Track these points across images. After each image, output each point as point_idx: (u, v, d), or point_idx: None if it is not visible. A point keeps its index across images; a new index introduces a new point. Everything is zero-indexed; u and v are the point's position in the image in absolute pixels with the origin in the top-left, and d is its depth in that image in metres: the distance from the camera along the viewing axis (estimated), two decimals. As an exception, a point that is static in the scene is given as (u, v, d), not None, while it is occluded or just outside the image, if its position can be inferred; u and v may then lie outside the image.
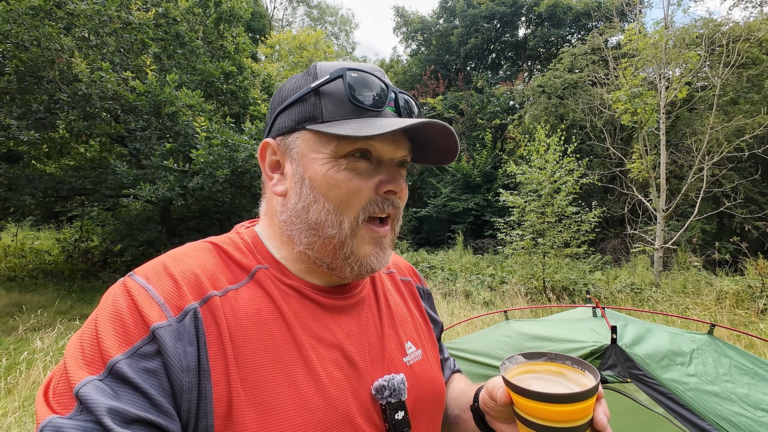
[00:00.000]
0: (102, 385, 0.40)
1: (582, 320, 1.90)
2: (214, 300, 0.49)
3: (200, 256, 0.55)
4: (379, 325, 0.63)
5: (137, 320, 0.44)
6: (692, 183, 7.85)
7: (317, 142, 0.54)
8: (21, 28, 5.58)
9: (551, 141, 8.18)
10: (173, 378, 0.43)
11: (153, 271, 0.50)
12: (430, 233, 14.62)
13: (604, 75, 10.08)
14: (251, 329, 0.50)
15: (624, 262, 10.22)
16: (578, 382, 0.51)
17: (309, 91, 0.54)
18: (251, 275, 0.55)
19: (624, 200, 11.10)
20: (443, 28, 19.32)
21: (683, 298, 6.62)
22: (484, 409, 0.59)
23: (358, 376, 0.55)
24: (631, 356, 1.49)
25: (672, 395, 1.41)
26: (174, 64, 7.72)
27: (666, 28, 8.05)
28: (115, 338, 0.43)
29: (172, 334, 0.44)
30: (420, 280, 0.81)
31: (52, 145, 7.39)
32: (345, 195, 0.54)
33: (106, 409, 0.38)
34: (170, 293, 0.48)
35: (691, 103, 9.76)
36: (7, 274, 8.49)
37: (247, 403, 0.46)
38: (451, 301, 6.97)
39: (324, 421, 0.49)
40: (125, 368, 0.41)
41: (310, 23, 27.76)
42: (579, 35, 16.96)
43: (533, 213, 8.11)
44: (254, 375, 0.47)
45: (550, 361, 0.55)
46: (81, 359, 0.42)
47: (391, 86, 0.56)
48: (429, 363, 0.67)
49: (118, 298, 0.46)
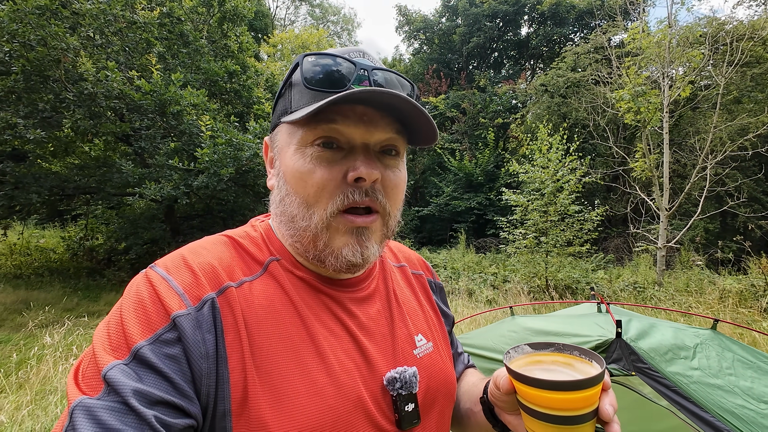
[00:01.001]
0: (127, 369, 0.42)
1: (587, 316, 1.93)
2: (230, 291, 0.51)
3: (217, 249, 0.56)
4: (389, 317, 0.64)
5: (158, 308, 0.46)
6: (695, 182, 7.85)
7: (289, 134, 0.56)
8: (27, 27, 5.64)
9: (554, 140, 8.19)
10: (193, 364, 0.45)
11: (173, 263, 0.52)
12: (432, 232, 14.63)
13: (607, 74, 10.08)
14: (265, 319, 0.51)
15: (627, 261, 10.23)
16: (585, 372, 0.50)
17: (284, 84, 0.56)
18: (265, 267, 0.57)
19: (627, 199, 11.09)
20: (446, 27, 19.31)
21: (686, 297, 6.63)
22: (493, 400, 0.59)
23: (369, 367, 0.56)
24: (636, 350, 1.51)
25: (676, 388, 1.43)
26: (178, 63, 7.76)
27: (670, 26, 8.04)
28: (138, 325, 0.45)
29: (191, 322, 0.46)
30: (432, 273, 0.81)
31: (57, 144, 7.45)
32: (310, 187, 0.53)
33: (132, 390, 0.40)
34: (189, 284, 0.49)
35: (694, 102, 9.75)
36: (14, 271, 8.56)
37: (261, 389, 0.47)
38: (454, 299, 7.00)
39: (335, 408, 0.50)
40: (148, 353, 0.43)
41: (312, 22, 27.79)
42: (582, 34, 16.93)
43: (536, 212, 8.12)
44: (268, 363, 0.49)
45: (557, 352, 0.54)
46: (108, 344, 0.44)
47: (360, 63, 0.53)
48: (440, 355, 0.67)
49: (141, 287, 0.49)
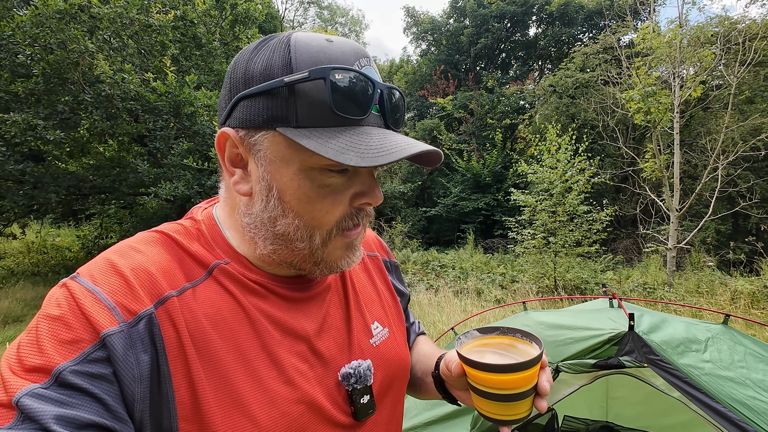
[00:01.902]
0: (47, 393, 0.37)
1: (599, 311, 1.97)
2: (171, 301, 0.46)
3: (152, 250, 0.50)
4: (345, 309, 0.63)
5: (84, 325, 0.41)
6: (707, 183, 7.79)
7: (288, 148, 0.48)
8: (47, 31, 5.81)
9: (562, 140, 8.19)
10: (124, 387, 0.41)
11: (99, 271, 0.45)
12: (440, 233, 14.64)
13: (616, 74, 10.04)
14: (212, 329, 0.48)
15: (636, 262, 10.16)
16: (526, 352, 0.56)
17: (282, 85, 0.45)
18: (209, 272, 0.52)
19: (636, 200, 11.02)
20: (453, 28, 19.33)
21: (697, 298, 6.58)
22: (444, 377, 0.64)
23: (324, 365, 0.56)
24: (648, 342, 1.55)
25: (688, 379, 1.47)
26: (192, 65, 7.91)
27: (680, 26, 8.00)
28: (59, 345, 0.39)
29: (123, 341, 0.41)
30: (387, 253, 0.81)
31: (74, 145, 7.63)
32: (318, 212, 0.50)
33: (54, 416, 0.36)
34: (121, 295, 0.44)
35: (705, 102, 9.67)
36: (31, 269, 8.79)
37: (215, 402, 0.45)
38: (462, 298, 7.03)
39: (289, 413, 0.49)
40: (72, 376, 0.38)
41: (321, 24, 27.96)
42: (591, 34, 16.84)
43: (544, 212, 8.12)
44: (218, 376, 0.46)
45: (502, 335, 0.60)
46: (19, 368, 0.38)
47: (377, 82, 0.49)
48: (395, 340, 0.68)
49: (62, 302, 0.42)
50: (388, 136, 0.48)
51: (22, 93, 6.15)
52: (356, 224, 0.53)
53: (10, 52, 5.93)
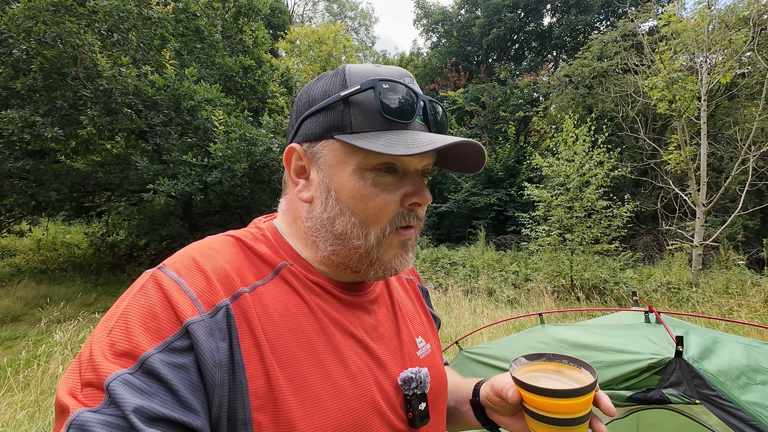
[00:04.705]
0: (132, 379, 0.39)
1: (632, 326, 1.66)
2: (244, 296, 0.49)
3: (227, 250, 0.54)
4: (394, 320, 0.65)
5: (170, 314, 0.44)
6: (735, 176, 7.27)
7: (344, 153, 0.54)
8: (42, 24, 5.65)
9: (580, 132, 7.76)
10: (205, 373, 0.43)
11: (183, 265, 0.49)
12: (451, 229, 14.32)
13: (637, 61, 9.50)
14: (282, 324, 0.50)
15: (658, 259, 9.67)
16: (574, 377, 0.57)
17: (338, 99, 0.53)
18: (276, 271, 0.55)
19: (657, 194, 10.49)
20: (465, 19, 18.81)
21: (726, 300, 6.15)
22: (486, 403, 0.65)
23: (381, 369, 0.57)
24: (701, 373, 1.24)
25: (754, 422, 1.16)
26: (193, 58, 7.72)
27: (708, 7, 7.46)
28: (146, 332, 0.42)
29: (204, 330, 0.44)
30: (419, 278, 0.84)
31: (78, 142, 7.53)
32: (371, 210, 0.54)
33: (134, 406, 0.38)
34: (202, 289, 0.47)
35: (732, 90, 9.07)
36: (39, 266, 8.79)
37: (290, 393, 0.47)
38: (473, 298, 6.72)
39: (355, 409, 0.51)
40: (157, 363, 0.41)
41: (330, 18, 27.69)
42: (608, 21, 16.16)
43: (560, 207, 7.73)
44: (290, 368, 0.48)
45: (548, 361, 0.61)
46: (110, 352, 0.41)
47: (420, 95, 0.56)
48: (437, 357, 0.70)
49: (150, 291, 0.46)
50: (432, 135, 0.53)
51: (21, 89, 6.02)
52: (409, 224, 0.56)
53: (8, 47, 5.79)
